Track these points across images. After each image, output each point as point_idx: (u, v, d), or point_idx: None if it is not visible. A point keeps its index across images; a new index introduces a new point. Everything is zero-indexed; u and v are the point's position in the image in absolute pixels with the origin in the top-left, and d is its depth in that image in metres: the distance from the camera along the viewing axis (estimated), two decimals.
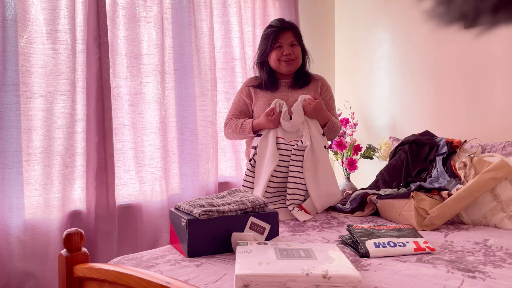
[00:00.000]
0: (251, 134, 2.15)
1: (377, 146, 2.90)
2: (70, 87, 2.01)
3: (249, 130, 2.15)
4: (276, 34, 2.12)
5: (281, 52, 2.13)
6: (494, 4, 0.56)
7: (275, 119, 2.06)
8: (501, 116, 2.46)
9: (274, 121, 2.07)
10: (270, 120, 2.06)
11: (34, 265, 1.90)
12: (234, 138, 2.25)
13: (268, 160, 2.05)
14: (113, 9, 2.18)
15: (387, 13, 2.97)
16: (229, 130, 2.23)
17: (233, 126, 2.20)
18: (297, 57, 2.16)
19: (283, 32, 2.13)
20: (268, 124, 2.08)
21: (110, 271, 1.10)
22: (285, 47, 2.13)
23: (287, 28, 2.14)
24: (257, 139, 2.13)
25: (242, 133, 2.17)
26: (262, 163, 2.08)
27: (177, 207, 1.56)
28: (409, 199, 1.85)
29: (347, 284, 1.06)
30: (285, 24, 2.15)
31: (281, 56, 2.13)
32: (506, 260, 1.36)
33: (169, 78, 2.38)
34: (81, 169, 2.07)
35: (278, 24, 2.15)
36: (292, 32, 2.15)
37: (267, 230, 1.50)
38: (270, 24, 2.20)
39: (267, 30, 2.18)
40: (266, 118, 2.07)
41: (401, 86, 2.92)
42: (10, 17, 1.83)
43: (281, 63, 2.15)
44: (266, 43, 2.16)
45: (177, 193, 2.41)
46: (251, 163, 2.10)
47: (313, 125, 2.11)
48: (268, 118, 2.06)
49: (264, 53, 2.18)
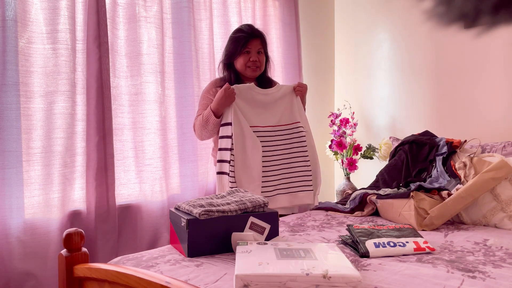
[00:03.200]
0: (214, 118, 2.11)
1: (377, 146, 2.90)
2: (70, 87, 2.01)
3: (208, 113, 2.11)
4: (246, 40, 2.19)
5: (248, 58, 2.19)
6: (494, 4, 0.57)
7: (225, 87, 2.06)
8: (501, 116, 2.46)
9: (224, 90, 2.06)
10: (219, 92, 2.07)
11: (34, 265, 1.90)
12: (204, 133, 2.19)
13: (252, 150, 2.09)
14: (113, 9, 2.18)
15: (387, 13, 2.97)
16: (197, 126, 2.19)
17: (199, 120, 2.17)
18: (262, 64, 2.25)
19: (252, 39, 2.20)
20: (218, 96, 2.07)
21: (110, 271, 1.10)
22: (252, 54, 2.19)
23: (256, 36, 2.21)
24: (224, 129, 2.11)
25: (205, 121, 2.13)
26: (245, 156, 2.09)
27: (177, 207, 1.56)
28: (409, 199, 1.85)
29: (347, 284, 1.06)
30: (255, 32, 2.23)
31: (248, 61, 2.19)
32: (506, 260, 1.36)
33: (169, 78, 2.38)
34: (81, 169, 2.07)
35: (249, 31, 2.21)
36: (260, 40, 2.23)
37: (267, 230, 1.50)
38: (240, 29, 2.25)
39: (237, 34, 2.22)
40: (220, 92, 2.08)
41: (401, 86, 2.92)
42: (10, 17, 1.83)
43: (247, 68, 2.21)
44: (235, 46, 2.21)
45: (177, 193, 2.41)
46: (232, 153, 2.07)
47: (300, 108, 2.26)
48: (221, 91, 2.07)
49: (232, 55, 2.23)
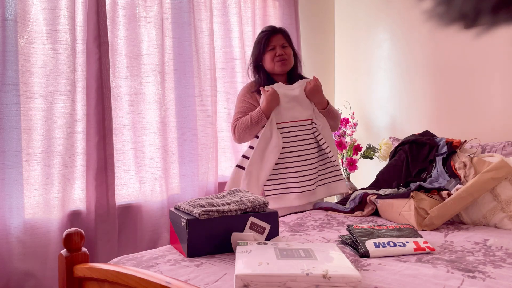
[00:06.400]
0: (264, 119, 2.15)
1: (377, 146, 2.90)
2: (70, 87, 2.01)
3: (260, 115, 2.15)
4: (268, 37, 2.22)
5: (274, 54, 2.22)
6: (494, 4, 0.57)
7: (272, 91, 2.14)
8: (501, 116, 2.46)
9: (271, 93, 2.14)
10: (267, 95, 2.14)
11: (34, 265, 1.90)
12: (247, 135, 2.19)
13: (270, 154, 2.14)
14: (113, 9, 2.18)
15: (387, 13, 2.97)
16: (240, 129, 2.18)
17: (243, 122, 2.17)
18: (289, 57, 2.25)
19: (274, 35, 2.23)
20: (268, 99, 2.14)
21: (110, 271, 1.10)
22: (277, 48, 2.22)
23: (277, 31, 2.25)
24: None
25: (255, 123, 2.15)
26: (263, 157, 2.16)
27: (177, 207, 1.56)
28: (409, 199, 1.85)
29: (347, 284, 1.06)
30: (275, 28, 2.27)
31: (274, 57, 2.22)
32: (506, 260, 1.36)
33: (169, 78, 2.38)
34: (81, 169, 2.07)
35: (269, 28, 2.27)
36: (282, 35, 2.25)
37: (267, 230, 1.50)
38: (261, 31, 2.30)
39: (259, 36, 2.28)
40: (264, 95, 2.15)
41: (401, 86, 2.92)
42: (10, 17, 1.83)
43: (275, 64, 2.22)
44: (259, 47, 2.26)
45: (177, 193, 2.41)
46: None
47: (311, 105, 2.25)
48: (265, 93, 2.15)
49: (258, 56, 2.26)
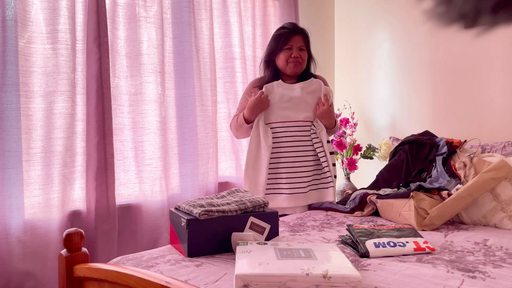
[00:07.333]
0: (246, 124, 2.19)
1: (377, 146, 2.90)
2: (70, 87, 2.01)
3: (242, 120, 2.19)
4: (287, 36, 2.19)
5: (289, 54, 2.19)
6: (494, 4, 0.57)
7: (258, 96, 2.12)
8: (501, 116, 2.46)
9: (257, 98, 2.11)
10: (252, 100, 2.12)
11: (34, 265, 1.90)
12: (239, 134, 2.28)
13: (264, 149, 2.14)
14: (113, 9, 2.18)
15: (387, 13, 2.97)
16: (233, 128, 2.30)
17: (234, 122, 2.28)
18: (304, 61, 2.24)
19: (294, 35, 2.20)
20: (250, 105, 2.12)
21: (110, 271, 1.10)
22: (294, 50, 2.20)
23: (298, 32, 2.22)
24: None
25: (239, 125, 2.22)
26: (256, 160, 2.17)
27: (177, 207, 1.56)
28: (409, 199, 1.85)
29: (347, 284, 1.06)
30: (297, 28, 2.23)
31: (289, 57, 2.20)
32: (506, 260, 1.36)
33: (169, 78, 2.38)
34: (81, 169, 2.07)
35: (291, 27, 2.22)
36: (302, 37, 2.22)
37: (267, 230, 1.50)
38: (282, 26, 2.27)
39: (279, 31, 2.24)
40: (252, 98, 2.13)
41: (401, 86, 2.92)
42: (10, 17, 1.83)
43: (289, 64, 2.20)
44: (276, 43, 2.22)
45: (177, 193, 2.41)
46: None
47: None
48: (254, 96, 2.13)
49: (273, 52, 2.24)
